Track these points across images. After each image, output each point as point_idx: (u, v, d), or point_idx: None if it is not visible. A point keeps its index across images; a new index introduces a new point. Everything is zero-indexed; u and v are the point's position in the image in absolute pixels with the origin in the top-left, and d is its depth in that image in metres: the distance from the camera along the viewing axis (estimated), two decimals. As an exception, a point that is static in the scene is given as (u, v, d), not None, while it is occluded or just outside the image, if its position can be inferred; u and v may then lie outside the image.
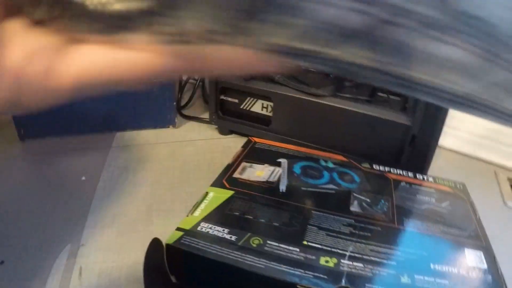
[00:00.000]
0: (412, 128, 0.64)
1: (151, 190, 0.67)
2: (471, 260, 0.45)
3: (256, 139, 0.67)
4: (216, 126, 0.84)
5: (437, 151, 0.66)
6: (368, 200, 0.53)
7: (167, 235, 0.45)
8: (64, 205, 0.64)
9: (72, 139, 0.81)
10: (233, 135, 0.83)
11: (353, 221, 0.49)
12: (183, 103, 0.93)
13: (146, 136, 0.83)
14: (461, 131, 0.79)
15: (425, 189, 0.57)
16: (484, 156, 0.78)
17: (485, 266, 0.45)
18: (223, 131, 0.83)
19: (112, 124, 0.84)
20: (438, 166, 0.74)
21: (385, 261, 0.43)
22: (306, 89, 0.70)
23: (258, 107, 0.77)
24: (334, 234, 0.46)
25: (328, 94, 0.69)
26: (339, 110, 0.68)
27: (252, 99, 0.77)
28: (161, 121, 0.85)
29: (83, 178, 0.70)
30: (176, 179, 0.70)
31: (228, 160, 0.61)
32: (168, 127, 0.86)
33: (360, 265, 0.42)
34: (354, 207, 0.51)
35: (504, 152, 0.77)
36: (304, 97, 0.71)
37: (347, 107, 0.68)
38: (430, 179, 0.60)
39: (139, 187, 0.68)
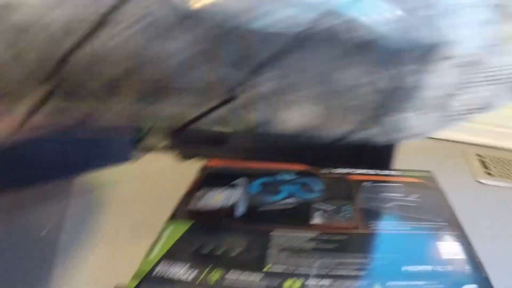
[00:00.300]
0: (369, 123, 0.62)
1: (115, 232, 0.63)
2: (445, 253, 0.43)
3: (212, 163, 0.64)
4: (176, 153, 0.82)
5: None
6: (330, 208, 0.50)
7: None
8: (26, 264, 0.60)
9: (29, 193, 0.77)
10: (194, 159, 0.80)
11: (316, 234, 0.46)
12: (140, 135, 0.90)
13: (106, 175, 0.80)
14: (423, 116, 0.78)
15: (390, 184, 0.55)
16: (451, 136, 0.77)
17: (461, 256, 0.43)
18: (184, 156, 0.81)
19: (70, 169, 0.80)
20: (405, 156, 0.72)
21: (354, 273, 0.40)
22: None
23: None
24: (297, 253, 0.43)
25: (280, 102, 0.67)
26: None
27: (207, 119, 0.75)
28: (120, 158, 0.82)
29: (44, 231, 0.66)
30: (141, 215, 0.67)
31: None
32: (128, 162, 0.83)
33: (328, 282, 0.39)
34: (315, 219, 0.49)
35: (470, 128, 0.75)
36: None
37: (301, 112, 0.66)
38: (395, 173, 0.58)
39: (101, 231, 0.64)
